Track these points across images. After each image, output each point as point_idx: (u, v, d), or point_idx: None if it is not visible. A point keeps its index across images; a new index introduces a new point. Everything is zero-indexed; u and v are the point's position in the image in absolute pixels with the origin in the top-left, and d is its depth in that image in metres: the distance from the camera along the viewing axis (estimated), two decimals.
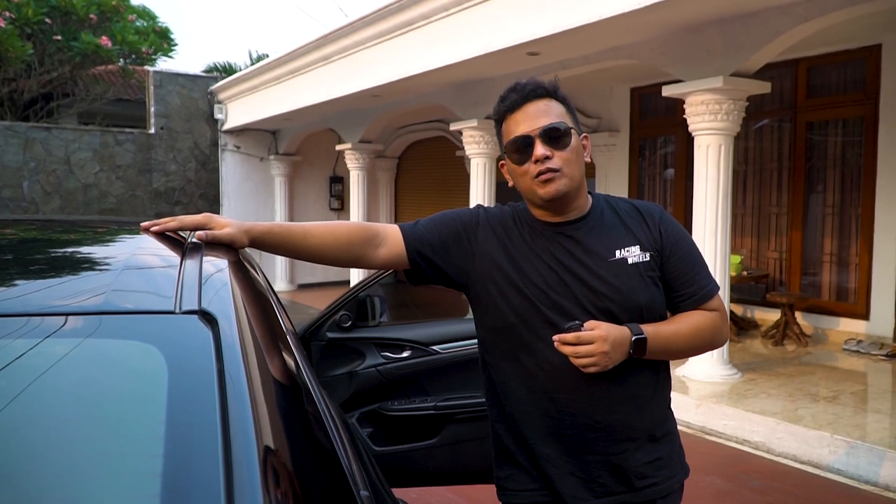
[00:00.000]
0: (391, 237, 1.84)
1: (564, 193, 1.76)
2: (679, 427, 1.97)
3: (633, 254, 1.79)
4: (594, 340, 1.63)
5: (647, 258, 1.80)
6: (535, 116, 1.78)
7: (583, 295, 1.75)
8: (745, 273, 8.65)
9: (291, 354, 1.43)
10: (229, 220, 1.67)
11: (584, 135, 1.87)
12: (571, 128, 1.79)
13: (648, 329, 1.73)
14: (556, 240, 1.81)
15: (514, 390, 1.85)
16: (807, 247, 8.75)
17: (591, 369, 1.65)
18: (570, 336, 1.64)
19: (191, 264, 1.36)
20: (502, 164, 1.90)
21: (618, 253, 1.79)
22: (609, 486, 1.80)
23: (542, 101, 1.80)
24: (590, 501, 1.81)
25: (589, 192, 1.91)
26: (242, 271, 1.52)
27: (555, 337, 1.66)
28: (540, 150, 1.75)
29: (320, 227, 1.82)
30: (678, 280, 1.84)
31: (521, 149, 1.78)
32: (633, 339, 1.69)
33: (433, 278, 1.88)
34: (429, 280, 1.89)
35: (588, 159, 1.87)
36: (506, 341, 1.84)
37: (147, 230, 1.62)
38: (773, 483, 4.77)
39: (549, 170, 1.74)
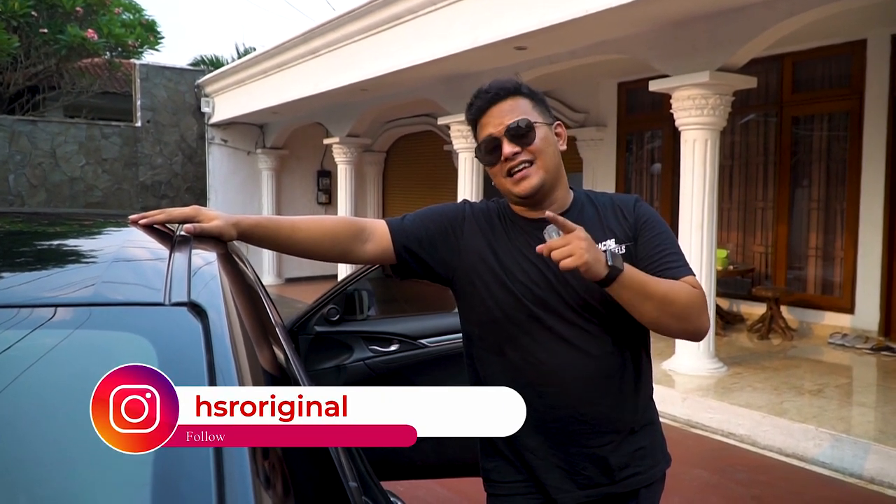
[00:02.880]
0: (378, 232, 1.85)
1: (539, 187, 1.79)
2: (665, 420, 1.98)
3: (610, 247, 1.79)
4: (572, 229, 1.57)
5: (623, 250, 1.81)
6: (500, 117, 1.80)
7: (564, 290, 1.77)
8: (731, 267, 8.69)
9: (280, 346, 1.44)
10: (218, 212, 1.66)
11: (556, 122, 1.88)
12: (535, 122, 1.80)
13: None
14: (537, 235, 1.80)
15: (499, 384, 1.86)
16: (792, 241, 8.80)
17: (567, 261, 1.55)
18: (550, 222, 1.59)
19: (179, 257, 1.36)
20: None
21: None
22: (593, 477, 1.82)
23: (506, 101, 1.82)
24: (574, 493, 1.83)
25: (571, 188, 1.92)
26: (231, 264, 1.52)
27: (539, 248, 1.60)
28: (507, 148, 1.78)
29: (308, 220, 1.81)
30: (647, 259, 1.80)
31: (490, 150, 1.81)
32: (608, 250, 1.64)
33: (419, 273, 1.89)
34: (415, 274, 1.90)
35: (564, 147, 1.88)
36: (491, 335, 1.85)
37: (135, 223, 1.61)
38: (758, 476, 4.81)
39: (523, 162, 1.77)
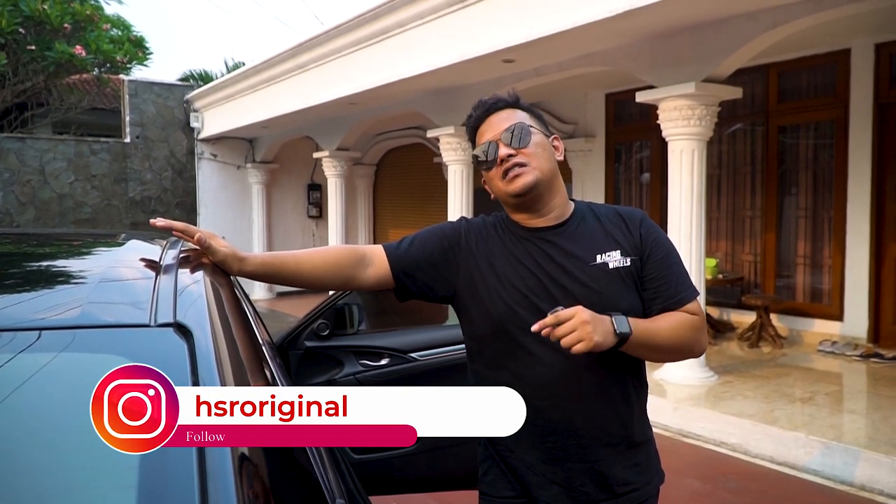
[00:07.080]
0: (378, 257, 1.88)
1: (533, 186, 1.79)
2: (657, 430, 1.99)
3: (614, 258, 1.80)
4: (572, 315, 1.56)
5: (628, 263, 1.81)
6: (498, 124, 1.84)
7: (563, 299, 1.74)
8: (720, 276, 8.73)
9: (268, 365, 1.44)
10: (229, 245, 1.71)
11: (554, 135, 1.92)
12: (532, 126, 1.84)
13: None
14: (537, 244, 1.83)
15: None
16: (781, 249, 8.84)
17: (578, 346, 1.55)
18: (549, 318, 1.57)
19: (166, 277, 1.36)
20: (483, 181, 1.93)
21: (598, 258, 1.79)
22: (591, 493, 1.81)
23: (504, 111, 1.87)
24: None
25: (571, 200, 1.93)
26: (218, 283, 1.52)
27: (534, 327, 1.59)
28: (503, 150, 1.81)
29: (310, 253, 1.85)
30: (656, 281, 1.82)
31: (487, 155, 1.84)
32: (613, 316, 1.64)
33: (418, 295, 1.92)
34: (414, 297, 1.93)
35: (560, 158, 1.91)
36: (488, 349, 1.86)
37: (154, 225, 1.66)
38: (749, 484, 4.82)
39: (516, 164, 1.79)
